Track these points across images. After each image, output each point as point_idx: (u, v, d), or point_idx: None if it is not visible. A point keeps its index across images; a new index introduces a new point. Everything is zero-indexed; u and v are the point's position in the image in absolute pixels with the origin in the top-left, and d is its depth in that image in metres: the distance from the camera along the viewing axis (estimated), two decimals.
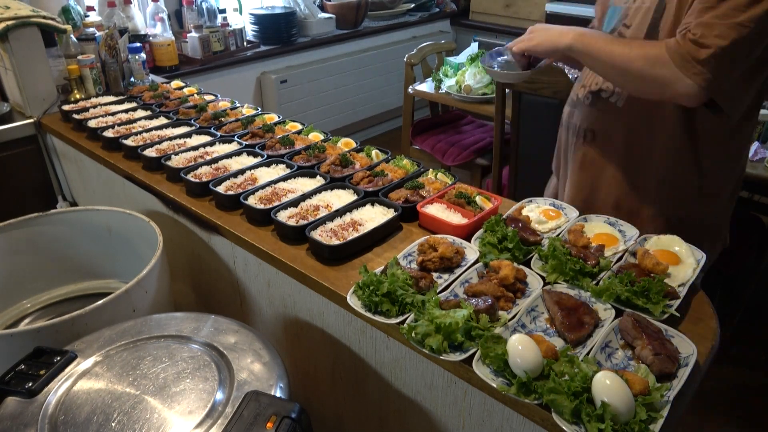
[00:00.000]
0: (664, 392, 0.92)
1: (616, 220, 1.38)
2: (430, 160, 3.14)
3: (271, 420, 0.96)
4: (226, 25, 3.42)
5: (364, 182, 1.54)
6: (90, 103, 2.18)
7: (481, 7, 4.65)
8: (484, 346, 0.99)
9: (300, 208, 1.45)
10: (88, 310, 1.30)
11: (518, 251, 1.25)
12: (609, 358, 1.03)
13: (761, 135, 2.24)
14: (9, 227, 1.68)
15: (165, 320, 1.25)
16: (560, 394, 0.90)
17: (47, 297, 1.79)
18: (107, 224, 1.76)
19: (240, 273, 1.57)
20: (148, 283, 1.42)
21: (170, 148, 1.79)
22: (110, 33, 2.30)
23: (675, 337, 1.03)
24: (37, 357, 1.12)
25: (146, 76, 2.47)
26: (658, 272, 1.18)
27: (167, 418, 0.99)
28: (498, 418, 1.08)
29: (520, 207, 1.47)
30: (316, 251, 1.33)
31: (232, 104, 2.16)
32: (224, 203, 1.53)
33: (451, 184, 1.55)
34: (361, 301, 1.14)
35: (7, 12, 2.03)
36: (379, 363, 1.28)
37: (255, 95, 3.71)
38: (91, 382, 1.07)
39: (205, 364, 1.10)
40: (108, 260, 1.81)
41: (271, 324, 1.57)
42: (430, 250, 1.25)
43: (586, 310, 1.10)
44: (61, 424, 0.98)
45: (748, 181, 2.15)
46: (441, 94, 2.94)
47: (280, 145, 1.80)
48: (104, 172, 1.91)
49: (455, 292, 1.17)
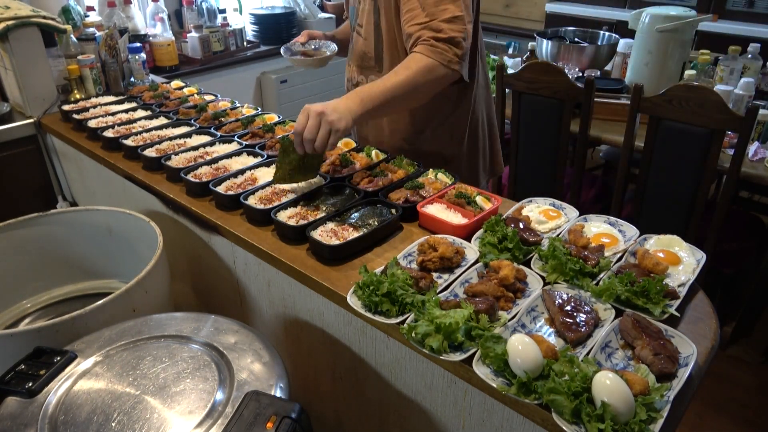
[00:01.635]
0: (664, 392, 0.92)
1: (616, 220, 1.38)
2: None
3: (271, 420, 0.96)
4: (226, 25, 3.42)
5: (364, 182, 1.54)
6: (90, 103, 2.18)
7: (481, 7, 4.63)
8: (484, 346, 0.99)
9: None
10: (88, 310, 1.30)
11: (518, 251, 1.25)
12: (609, 358, 1.03)
13: (761, 135, 2.24)
14: (9, 227, 1.68)
15: (165, 320, 1.25)
16: (560, 394, 0.90)
17: (47, 297, 1.79)
18: (107, 224, 1.76)
19: (240, 273, 1.57)
20: (148, 283, 1.42)
21: (170, 148, 1.79)
22: (110, 33, 2.30)
23: (675, 337, 1.03)
24: (37, 357, 1.12)
25: (146, 76, 2.47)
26: (658, 272, 1.18)
27: (167, 418, 0.99)
28: (498, 418, 1.08)
29: (520, 207, 1.47)
30: (316, 251, 1.33)
31: (232, 104, 2.16)
32: (224, 203, 1.53)
33: (451, 184, 1.55)
34: (361, 301, 1.14)
35: (7, 12, 2.03)
36: (379, 363, 1.28)
37: (255, 95, 3.71)
38: (91, 382, 1.07)
39: (205, 364, 1.10)
40: (108, 260, 1.81)
41: (271, 324, 1.57)
42: (430, 250, 1.25)
43: (586, 311, 1.10)
44: (61, 424, 0.98)
45: (749, 181, 2.15)
46: None
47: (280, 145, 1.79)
48: (104, 172, 1.91)
49: (455, 292, 1.17)
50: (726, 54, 2.60)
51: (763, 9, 3.57)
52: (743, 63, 2.56)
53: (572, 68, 2.78)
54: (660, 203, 2.23)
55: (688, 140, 2.06)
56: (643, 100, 2.10)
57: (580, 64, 2.83)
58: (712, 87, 2.13)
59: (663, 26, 2.44)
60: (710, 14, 3.52)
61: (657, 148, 2.14)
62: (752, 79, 2.36)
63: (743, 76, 2.50)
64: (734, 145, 2.07)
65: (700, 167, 2.06)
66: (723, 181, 2.39)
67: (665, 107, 2.05)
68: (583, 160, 2.43)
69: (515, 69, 2.49)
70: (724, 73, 2.57)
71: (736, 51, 2.57)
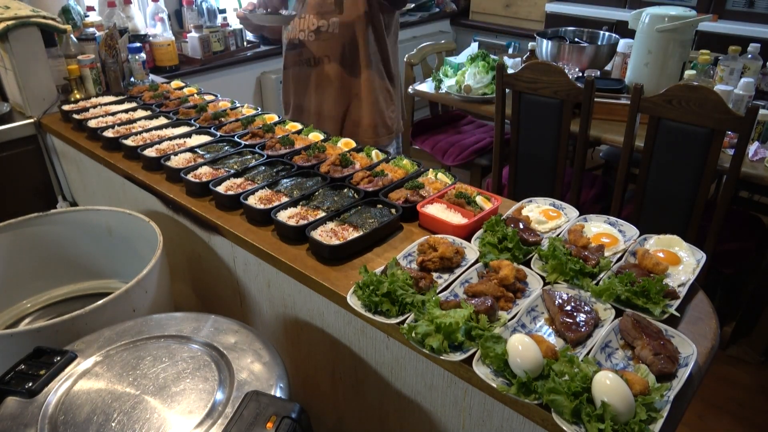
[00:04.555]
0: (664, 392, 0.92)
1: (616, 220, 1.38)
2: (430, 160, 3.14)
3: (271, 420, 0.96)
4: (226, 25, 3.42)
5: (364, 182, 1.54)
6: (90, 103, 2.18)
7: (481, 7, 4.65)
8: (484, 346, 0.99)
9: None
10: (88, 310, 1.30)
11: (518, 251, 1.25)
12: (609, 358, 1.03)
13: (761, 135, 2.24)
14: (9, 227, 1.68)
15: (165, 320, 1.25)
16: (560, 394, 0.90)
17: (47, 297, 1.79)
18: (107, 224, 1.76)
19: (240, 273, 1.57)
20: (148, 283, 1.42)
21: (170, 148, 1.79)
22: (110, 33, 2.30)
23: (675, 337, 1.03)
24: (37, 357, 1.12)
25: (146, 76, 2.47)
26: (658, 272, 1.18)
27: (167, 418, 0.99)
28: (498, 418, 1.08)
29: (520, 207, 1.47)
30: (317, 251, 1.33)
31: (232, 104, 2.16)
32: (224, 203, 1.53)
33: (451, 184, 1.55)
34: (361, 301, 1.14)
35: (7, 12, 2.03)
36: (379, 363, 1.28)
37: (255, 95, 3.71)
38: (91, 382, 1.07)
39: (205, 364, 1.10)
40: (108, 260, 1.81)
41: (271, 324, 1.57)
42: (430, 250, 1.25)
43: (586, 311, 1.10)
44: (61, 424, 0.98)
45: (749, 182, 2.15)
46: (441, 94, 2.94)
47: (280, 145, 1.80)
48: (104, 172, 1.91)
49: (455, 292, 1.17)
50: (726, 54, 2.60)
51: (763, 9, 3.57)
52: (743, 63, 2.56)
53: (572, 68, 2.78)
54: (660, 203, 2.22)
55: (688, 140, 2.06)
56: (643, 100, 2.10)
57: (580, 64, 2.83)
58: (712, 87, 2.13)
59: (663, 26, 2.43)
60: (710, 14, 3.52)
61: (657, 148, 2.14)
62: (752, 79, 2.35)
63: (743, 76, 2.49)
64: (734, 145, 2.07)
65: (700, 167, 2.06)
66: (723, 181, 2.39)
67: (665, 107, 2.05)
68: (583, 160, 2.43)
69: (515, 69, 2.49)
70: (724, 73, 2.57)
71: (736, 51, 2.57)
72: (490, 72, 2.79)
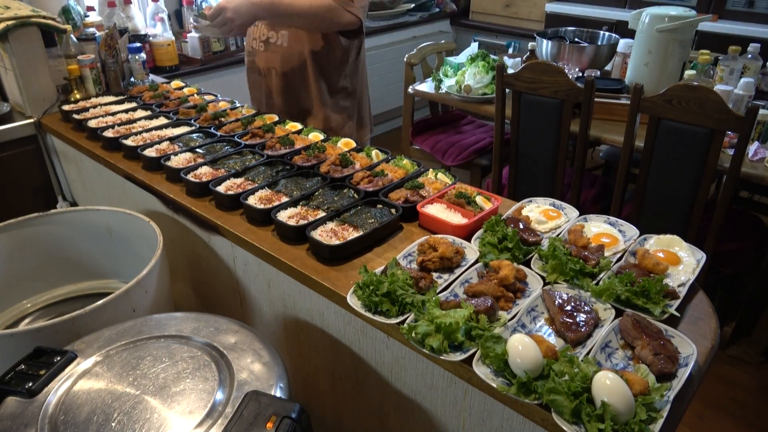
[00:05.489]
0: (664, 392, 0.92)
1: (616, 220, 1.38)
2: (430, 160, 3.14)
3: (271, 420, 0.96)
4: None
5: (364, 182, 1.54)
6: (90, 103, 2.18)
7: (481, 7, 4.65)
8: (484, 346, 0.99)
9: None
10: (88, 310, 1.30)
11: (518, 251, 1.25)
12: (609, 358, 1.03)
13: (761, 135, 2.24)
14: (9, 227, 1.67)
15: (165, 320, 1.25)
16: (560, 394, 0.90)
17: (47, 297, 1.79)
18: (107, 224, 1.76)
19: (240, 273, 1.57)
20: (148, 283, 1.42)
21: (170, 148, 1.79)
22: (110, 33, 2.30)
23: (675, 337, 1.03)
24: (37, 357, 1.12)
25: (146, 76, 2.47)
26: (658, 272, 1.18)
27: (167, 418, 0.99)
28: (498, 418, 1.08)
29: (520, 207, 1.47)
30: (317, 251, 1.33)
31: (232, 104, 2.16)
32: (224, 203, 1.53)
33: (451, 184, 1.55)
34: (361, 301, 1.14)
35: (7, 12, 2.03)
36: (379, 363, 1.28)
37: None
38: (91, 382, 1.07)
39: (205, 364, 1.10)
40: (108, 260, 1.81)
41: (271, 324, 1.57)
42: (430, 250, 1.25)
43: (586, 311, 1.10)
44: (61, 424, 0.98)
45: (749, 181, 2.15)
46: (441, 94, 2.94)
47: (280, 145, 1.80)
48: (104, 172, 1.91)
49: (455, 292, 1.17)
50: (726, 54, 2.60)
51: (763, 9, 3.57)
52: (743, 63, 2.56)
53: (572, 68, 2.78)
54: (660, 203, 2.23)
55: (688, 140, 2.06)
56: (643, 100, 2.10)
57: (580, 64, 2.83)
58: (712, 87, 2.13)
59: (663, 26, 2.43)
60: (710, 14, 3.53)
61: (657, 148, 2.14)
62: (752, 79, 2.36)
63: (743, 76, 2.50)
64: (734, 145, 2.07)
65: (700, 167, 2.06)
66: (723, 181, 2.39)
67: (665, 107, 2.05)
68: (583, 160, 2.43)
69: (515, 69, 2.49)
70: (724, 73, 2.57)
71: (736, 51, 2.57)
72: (490, 72, 2.79)
